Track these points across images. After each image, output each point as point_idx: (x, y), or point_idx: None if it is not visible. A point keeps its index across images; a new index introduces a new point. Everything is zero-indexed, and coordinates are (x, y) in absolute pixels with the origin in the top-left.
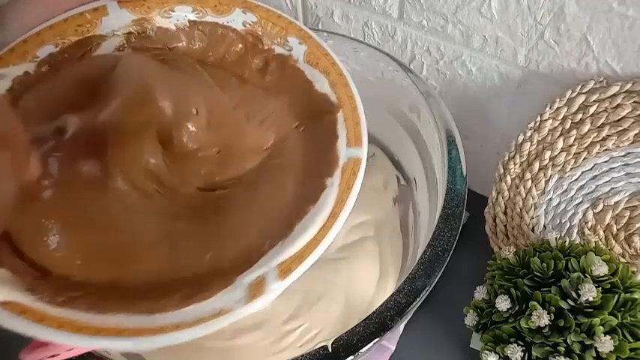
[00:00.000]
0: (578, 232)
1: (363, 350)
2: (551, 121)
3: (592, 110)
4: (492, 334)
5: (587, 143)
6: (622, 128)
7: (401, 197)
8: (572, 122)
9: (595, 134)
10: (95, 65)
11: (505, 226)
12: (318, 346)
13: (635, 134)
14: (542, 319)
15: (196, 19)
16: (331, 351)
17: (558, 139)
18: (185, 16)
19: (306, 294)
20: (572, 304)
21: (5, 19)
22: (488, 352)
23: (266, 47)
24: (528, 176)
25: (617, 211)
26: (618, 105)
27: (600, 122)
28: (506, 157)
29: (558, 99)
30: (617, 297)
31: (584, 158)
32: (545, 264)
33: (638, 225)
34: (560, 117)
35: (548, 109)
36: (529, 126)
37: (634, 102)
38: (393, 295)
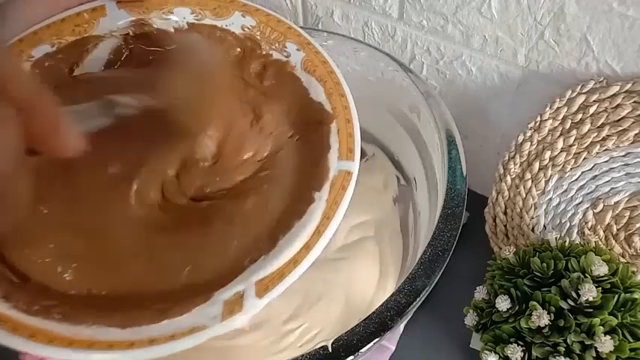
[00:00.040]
0: (578, 232)
1: (363, 350)
2: (551, 121)
3: (592, 110)
4: (492, 334)
5: (587, 143)
6: (622, 128)
7: (401, 197)
8: (572, 122)
9: (595, 134)
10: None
11: (505, 226)
12: (318, 346)
13: (635, 134)
14: (542, 319)
15: (195, 22)
16: (331, 351)
17: (558, 139)
18: (184, 18)
19: (306, 294)
20: (572, 304)
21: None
22: (488, 352)
23: (264, 52)
24: (528, 176)
25: (617, 211)
26: (618, 105)
27: (600, 122)
28: (506, 157)
29: (558, 99)
30: (617, 297)
31: (584, 158)
32: (545, 264)
33: (638, 225)
34: (560, 117)
35: (548, 109)
36: (529, 126)
37: (634, 102)
38: (393, 295)
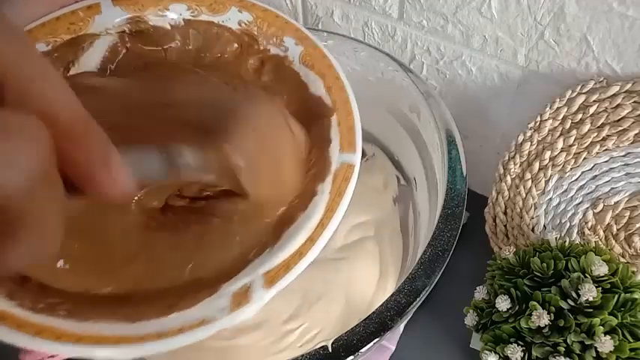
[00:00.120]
0: (578, 232)
1: (363, 350)
2: (551, 121)
3: (592, 110)
4: (492, 334)
5: (587, 143)
6: (622, 128)
7: (401, 197)
8: (572, 122)
9: (595, 134)
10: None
11: (505, 226)
12: (318, 346)
13: (635, 134)
14: (542, 319)
15: (191, 18)
16: (331, 351)
17: (558, 139)
18: (180, 14)
19: (305, 294)
20: (572, 304)
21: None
22: (488, 352)
23: (262, 47)
24: (528, 176)
25: (617, 211)
26: (618, 105)
27: (600, 122)
28: (506, 157)
29: (558, 99)
30: (617, 297)
31: (584, 158)
32: (545, 264)
33: (638, 225)
34: (560, 117)
35: (548, 109)
36: (529, 126)
37: (634, 102)
38: (393, 295)
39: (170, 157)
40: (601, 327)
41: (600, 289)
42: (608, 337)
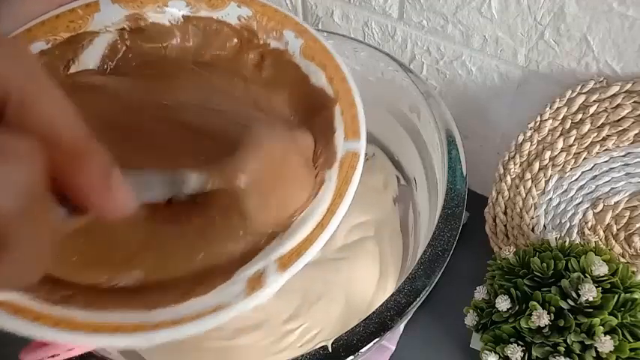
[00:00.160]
0: (578, 232)
1: (363, 350)
2: (551, 121)
3: (592, 110)
4: (492, 334)
5: (587, 143)
6: (622, 128)
7: (401, 197)
8: (572, 122)
9: (595, 134)
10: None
11: (505, 226)
12: (318, 346)
13: (635, 134)
14: (542, 319)
15: (190, 14)
16: (331, 351)
17: (558, 139)
18: (179, 11)
19: (305, 294)
20: (572, 304)
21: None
22: (488, 352)
23: (261, 42)
24: (528, 176)
25: (617, 211)
26: (618, 105)
27: (600, 122)
28: (506, 157)
29: (558, 99)
30: (617, 297)
31: (584, 158)
32: (545, 264)
33: (638, 225)
34: (560, 117)
35: (548, 109)
36: (529, 126)
37: (634, 102)
38: (393, 295)
39: (175, 181)
40: (601, 327)
41: (600, 289)
42: (608, 337)
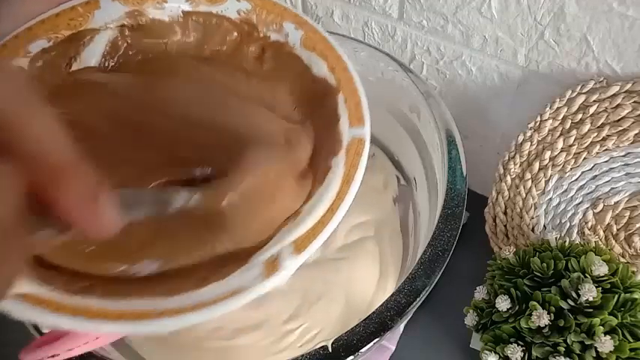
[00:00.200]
0: (578, 232)
1: (363, 350)
2: (551, 121)
3: (592, 110)
4: (492, 334)
5: (587, 143)
6: (622, 128)
7: (401, 197)
8: (572, 122)
9: (595, 134)
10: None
11: (505, 226)
12: (318, 346)
13: (635, 134)
14: (542, 319)
15: (190, 9)
16: (331, 351)
17: (558, 139)
18: (178, 6)
19: (305, 294)
20: (572, 304)
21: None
22: (488, 352)
23: (262, 35)
24: (528, 176)
25: (617, 211)
26: (618, 105)
27: (600, 122)
28: (506, 157)
29: (558, 99)
30: (617, 297)
31: (584, 158)
32: (545, 264)
33: (638, 225)
34: (560, 117)
35: (548, 109)
36: (529, 126)
37: (634, 102)
38: (393, 295)
39: (164, 200)
40: (601, 327)
41: (600, 289)
42: (608, 337)
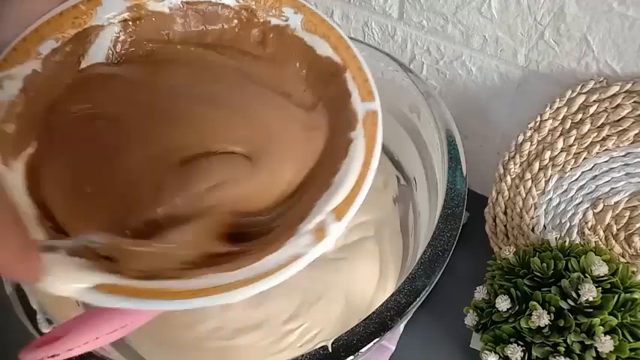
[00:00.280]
0: (578, 232)
1: (363, 350)
2: (551, 121)
3: (592, 110)
4: (492, 334)
5: (587, 143)
6: (622, 128)
7: (401, 197)
8: (572, 122)
9: (595, 134)
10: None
11: (505, 226)
12: (318, 346)
13: (635, 134)
14: (542, 319)
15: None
16: (331, 351)
17: (558, 139)
18: None
19: (305, 294)
20: (572, 304)
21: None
22: (488, 352)
23: (261, 20)
24: (528, 176)
25: (617, 211)
26: (618, 105)
27: (600, 122)
28: (506, 157)
29: (558, 99)
30: (617, 297)
31: (584, 158)
32: (545, 264)
33: (638, 225)
34: (560, 117)
35: (548, 109)
36: (529, 126)
37: (634, 102)
38: (393, 295)
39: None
40: (601, 327)
41: (600, 289)
42: (608, 337)
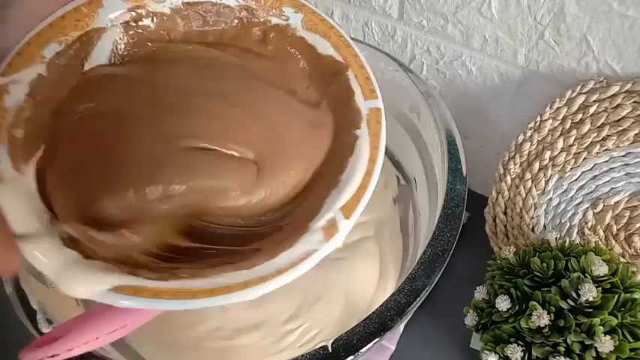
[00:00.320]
0: (578, 232)
1: (363, 350)
2: (551, 121)
3: (592, 110)
4: (492, 334)
5: (587, 143)
6: (622, 128)
7: (401, 197)
8: (572, 122)
9: (595, 134)
10: None
11: (505, 226)
12: (318, 346)
13: (635, 134)
14: (542, 319)
15: (190, 0)
16: (331, 351)
17: (558, 139)
18: None
19: (305, 294)
20: (572, 304)
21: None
22: (488, 352)
23: (262, 20)
24: (528, 176)
25: (617, 211)
26: (618, 105)
27: (600, 122)
28: (506, 157)
29: (558, 99)
30: (617, 297)
31: (584, 158)
32: (545, 264)
33: (638, 225)
34: (560, 117)
35: (548, 109)
36: (529, 126)
37: (634, 102)
38: (393, 295)
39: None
40: (601, 327)
41: (600, 289)
42: (608, 337)
